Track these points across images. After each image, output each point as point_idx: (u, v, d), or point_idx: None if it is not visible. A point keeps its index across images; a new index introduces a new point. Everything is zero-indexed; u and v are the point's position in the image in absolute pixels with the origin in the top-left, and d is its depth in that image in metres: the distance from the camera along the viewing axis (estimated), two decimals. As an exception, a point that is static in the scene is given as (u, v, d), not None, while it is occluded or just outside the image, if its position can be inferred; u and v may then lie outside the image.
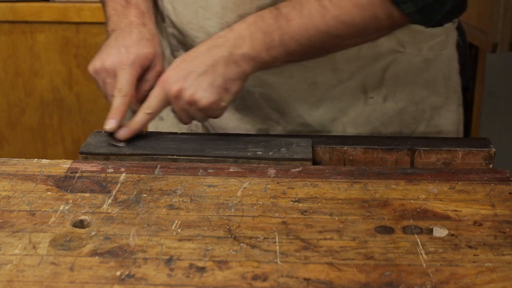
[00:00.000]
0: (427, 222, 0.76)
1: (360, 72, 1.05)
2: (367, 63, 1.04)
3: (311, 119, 1.07)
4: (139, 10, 1.02)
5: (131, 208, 0.78)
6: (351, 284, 0.65)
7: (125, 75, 0.96)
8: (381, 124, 1.08)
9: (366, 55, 1.03)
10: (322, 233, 0.74)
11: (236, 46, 0.92)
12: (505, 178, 0.85)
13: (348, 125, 1.07)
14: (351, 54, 1.02)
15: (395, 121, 1.08)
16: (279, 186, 0.83)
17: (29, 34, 1.90)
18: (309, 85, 1.05)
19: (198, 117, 0.96)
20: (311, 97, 1.06)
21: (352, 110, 1.07)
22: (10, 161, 0.89)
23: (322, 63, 1.03)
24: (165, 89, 0.93)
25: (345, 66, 1.04)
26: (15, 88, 1.97)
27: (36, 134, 2.03)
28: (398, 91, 1.07)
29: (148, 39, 0.99)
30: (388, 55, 1.05)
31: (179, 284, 0.66)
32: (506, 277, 0.66)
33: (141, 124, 0.96)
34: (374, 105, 1.07)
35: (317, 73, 1.04)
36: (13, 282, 0.66)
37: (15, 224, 0.75)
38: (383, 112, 1.08)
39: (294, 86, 1.05)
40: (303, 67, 1.03)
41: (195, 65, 0.92)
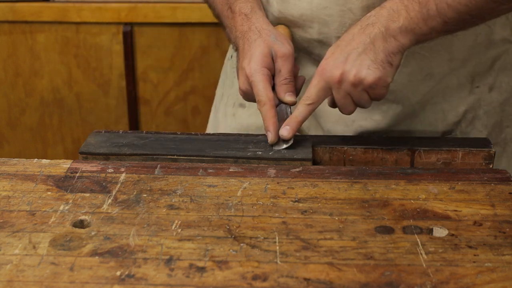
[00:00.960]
0: (427, 222, 0.76)
1: (472, 60, 1.05)
2: (480, 51, 1.04)
3: (417, 106, 1.06)
4: (242, 16, 1.02)
5: (131, 208, 0.78)
6: (351, 284, 0.65)
7: (256, 85, 0.96)
8: (484, 113, 1.07)
9: (481, 43, 1.03)
10: (322, 233, 0.74)
11: (391, 20, 0.90)
12: (505, 178, 0.85)
13: (449, 112, 1.07)
14: (468, 41, 1.02)
15: (498, 112, 1.08)
16: (279, 186, 0.83)
17: (29, 34, 1.90)
18: (425, 76, 1.04)
19: (363, 100, 0.92)
20: (425, 87, 1.05)
21: (456, 97, 1.06)
22: (10, 161, 0.89)
23: (440, 52, 1.02)
24: (325, 77, 0.91)
25: (460, 54, 1.03)
26: (15, 88, 1.97)
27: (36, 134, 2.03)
28: (504, 82, 1.07)
29: (256, 39, 0.98)
30: (501, 44, 1.05)
31: (179, 284, 0.66)
32: (506, 277, 0.66)
33: (303, 117, 0.94)
34: (480, 94, 1.07)
35: (434, 64, 1.03)
36: (13, 282, 0.66)
37: (15, 224, 0.75)
38: (488, 102, 1.07)
39: (410, 77, 1.04)
40: (421, 57, 1.02)
41: (353, 47, 0.91)
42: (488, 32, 1.03)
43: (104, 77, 1.93)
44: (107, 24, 1.87)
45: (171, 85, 1.93)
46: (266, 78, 0.96)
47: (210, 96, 1.93)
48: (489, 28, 1.02)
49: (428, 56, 1.03)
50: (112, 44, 1.89)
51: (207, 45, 1.89)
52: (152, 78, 1.93)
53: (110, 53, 1.90)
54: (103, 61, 1.91)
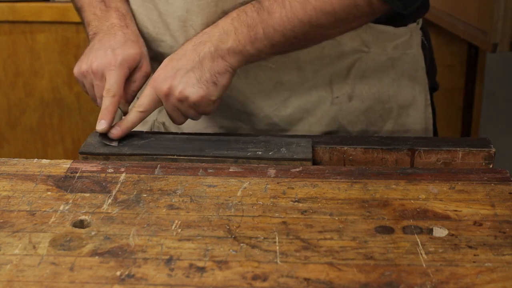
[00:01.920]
0: (427, 222, 0.76)
1: (325, 71, 1.05)
2: (332, 62, 1.05)
3: (278, 119, 1.08)
4: (119, 13, 1.04)
5: (131, 208, 0.78)
6: (351, 284, 0.65)
7: (114, 76, 0.97)
8: (348, 122, 1.09)
9: (330, 54, 1.04)
10: (322, 233, 0.74)
11: (221, 41, 0.93)
12: (505, 178, 0.85)
13: (314, 124, 1.08)
14: (314, 53, 1.03)
15: (362, 120, 1.09)
16: (279, 186, 0.83)
17: (29, 34, 1.90)
18: (274, 85, 1.06)
19: (191, 115, 0.96)
20: (277, 97, 1.07)
21: (319, 109, 1.08)
22: (10, 161, 0.89)
23: (287, 63, 1.04)
24: (155, 89, 0.95)
25: (309, 65, 1.04)
26: (15, 88, 1.97)
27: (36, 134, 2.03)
28: (364, 90, 1.08)
29: (133, 40, 1.01)
30: (353, 54, 1.05)
31: (179, 284, 0.66)
32: (506, 277, 0.66)
33: (133, 123, 0.97)
34: (340, 104, 1.08)
35: (282, 73, 1.05)
36: (13, 282, 0.66)
37: (15, 224, 0.75)
38: (349, 111, 1.08)
39: (259, 87, 1.06)
40: (268, 68, 1.04)
41: (183, 63, 0.94)
42: (335, 44, 1.03)
43: (104, 77, 1.93)
44: (107, 24, 1.86)
45: (171, 85, 1.93)
46: (125, 77, 0.99)
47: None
48: (336, 41, 1.03)
49: (275, 68, 1.04)
50: (112, 44, 1.88)
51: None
52: (152, 78, 1.92)
53: (110, 53, 1.89)
54: (103, 61, 1.91)
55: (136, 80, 1.01)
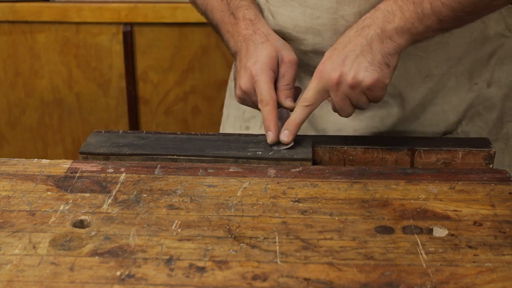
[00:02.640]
0: (427, 222, 0.76)
1: (468, 57, 1.05)
2: (476, 47, 1.04)
3: (417, 108, 1.07)
4: (247, 21, 1.03)
5: (131, 208, 0.78)
6: (351, 284, 0.65)
7: (260, 85, 0.96)
8: (484, 109, 1.08)
9: (476, 38, 1.03)
10: (322, 233, 0.74)
11: (387, 21, 0.91)
12: (505, 178, 0.85)
13: (449, 112, 1.07)
14: (464, 37, 1.02)
15: (499, 107, 1.08)
16: (279, 186, 0.83)
17: (29, 34, 1.90)
18: (424, 78, 1.05)
19: (362, 102, 0.93)
20: (425, 90, 1.06)
21: (455, 96, 1.07)
22: (10, 161, 0.89)
23: (437, 52, 1.02)
24: (323, 79, 0.92)
25: (457, 52, 1.03)
26: (15, 88, 1.97)
27: (36, 134, 2.03)
28: (503, 77, 1.07)
29: (263, 42, 0.99)
30: (496, 39, 1.05)
31: (179, 284, 0.66)
32: (506, 277, 0.66)
33: (301, 119, 0.94)
34: (479, 90, 1.07)
35: (432, 64, 1.04)
36: (13, 282, 0.66)
37: (15, 224, 0.75)
38: (487, 98, 1.07)
39: (409, 79, 1.04)
40: (418, 58, 1.02)
41: (350, 49, 0.91)
42: (483, 28, 1.03)
43: (104, 77, 1.93)
44: (107, 24, 1.87)
45: (171, 85, 1.93)
46: (271, 80, 0.97)
47: (210, 96, 1.93)
48: (484, 24, 1.02)
49: (425, 57, 1.03)
50: (112, 44, 1.89)
51: (207, 45, 1.88)
52: (152, 78, 1.93)
53: (110, 53, 1.90)
54: (103, 61, 1.91)
55: (284, 74, 0.98)
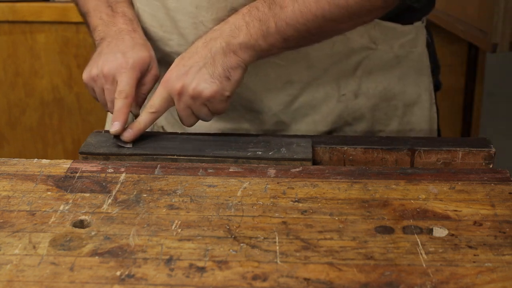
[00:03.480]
0: (427, 222, 0.76)
1: (334, 68, 1.05)
2: (340, 59, 1.05)
3: (284, 117, 1.08)
4: (126, 18, 1.04)
5: (131, 208, 0.78)
6: (351, 284, 0.65)
7: (125, 78, 0.97)
8: (353, 120, 1.09)
9: (340, 51, 1.04)
10: (322, 233, 0.74)
11: (232, 36, 0.93)
12: (505, 178, 0.85)
13: (319, 122, 1.08)
14: (324, 50, 1.03)
15: (368, 117, 1.09)
16: (279, 186, 0.83)
17: (29, 34, 1.90)
18: (284, 84, 1.06)
19: (203, 114, 0.95)
20: (286, 96, 1.06)
21: (324, 107, 1.08)
22: (10, 161, 0.89)
23: (297, 61, 1.03)
24: (168, 88, 0.94)
25: (319, 63, 1.04)
26: (15, 88, 1.97)
27: (36, 134, 2.03)
28: (371, 87, 1.08)
29: (142, 44, 1.01)
30: (361, 51, 1.05)
31: (179, 284, 0.66)
32: (506, 277, 0.66)
33: (145, 124, 0.96)
34: (346, 101, 1.08)
35: (292, 71, 1.05)
36: (13, 282, 0.66)
37: (15, 224, 0.75)
38: (355, 109, 1.08)
39: (269, 85, 1.05)
40: (278, 66, 1.03)
41: (195, 60, 0.94)
42: (345, 40, 1.03)
43: (104, 77, 1.93)
44: (107, 24, 1.86)
45: (171, 85, 1.93)
46: (136, 80, 0.99)
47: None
48: (345, 37, 1.02)
49: (285, 65, 1.04)
50: (112, 44, 1.88)
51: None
52: (152, 78, 1.92)
53: (110, 53, 1.89)
54: (103, 61, 1.91)
55: (146, 83, 1.01)
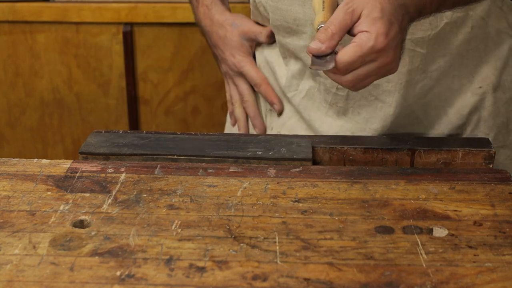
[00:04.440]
0: (427, 222, 0.76)
1: (470, 58, 1.04)
2: (478, 47, 1.03)
3: (416, 107, 1.06)
4: (204, 7, 1.14)
5: (131, 208, 0.78)
6: (351, 284, 0.65)
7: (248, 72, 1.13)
8: (489, 114, 1.06)
9: (476, 36, 1.02)
10: (322, 233, 0.74)
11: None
12: (505, 178, 0.85)
13: (452, 115, 1.06)
14: (463, 34, 1.01)
15: (503, 112, 1.07)
16: (279, 186, 0.83)
17: (29, 34, 1.90)
18: (421, 75, 1.04)
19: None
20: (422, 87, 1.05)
21: (458, 99, 1.06)
22: (10, 161, 0.89)
23: (434, 47, 1.01)
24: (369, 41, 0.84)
25: (456, 49, 1.02)
26: (15, 88, 1.97)
27: (36, 134, 2.03)
28: (507, 80, 1.06)
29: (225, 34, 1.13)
30: (497, 38, 1.04)
31: (179, 284, 0.66)
32: (506, 277, 0.66)
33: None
34: (483, 94, 1.06)
35: (429, 61, 1.03)
36: (13, 282, 0.66)
37: (15, 224, 0.75)
38: (492, 102, 1.06)
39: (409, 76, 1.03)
40: (415, 53, 1.01)
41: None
42: (482, 24, 1.02)
43: (104, 77, 1.93)
44: (107, 24, 1.87)
45: (171, 85, 1.93)
46: (253, 63, 1.09)
47: (210, 96, 1.93)
48: (483, 21, 1.01)
49: (424, 53, 1.02)
50: (112, 44, 1.89)
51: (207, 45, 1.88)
52: (152, 78, 1.92)
53: (110, 53, 1.90)
54: (103, 61, 1.91)
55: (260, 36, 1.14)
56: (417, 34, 0.97)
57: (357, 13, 0.81)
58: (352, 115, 1.05)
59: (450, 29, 1.00)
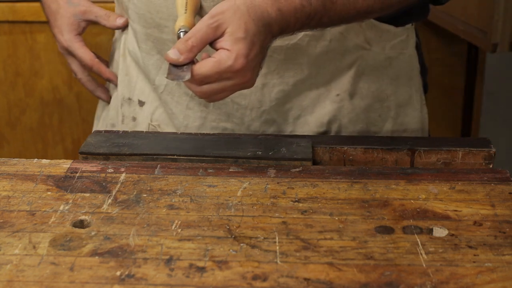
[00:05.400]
0: (427, 222, 0.76)
1: (327, 67, 1.05)
2: (335, 58, 1.04)
3: (276, 115, 1.07)
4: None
5: (131, 208, 0.78)
6: (351, 284, 0.65)
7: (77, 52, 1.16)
8: (349, 121, 1.08)
9: (335, 48, 1.03)
10: (322, 233, 0.74)
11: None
12: (505, 178, 0.85)
13: (313, 123, 1.07)
14: (321, 47, 1.02)
15: (362, 118, 1.09)
16: (279, 186, 0.83)
17: (29, 34, 1.90)
18: (279, 79, 1.04)
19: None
20: (280, 92, 1.05)
21: (318, 107, 1.07)
22: (10, 161, 0.89)
23: (293, 56, 1.02)
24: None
25: (314, 60, 1.03)
26: (15, 88, 1.97)
27: (36, 134, 2.03)
28: (364, 88, 1.08)
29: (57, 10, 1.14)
30: (355, 51, 1.05)
31: (179, 284, 0.66)
32: (506, 277, 0.66)
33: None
34: (340, 102, 1.07)
35: (288, 67, 1.03)
36: (13, 282, 0.66)
37: (15, 224, 0.75)
38: (350, 110, 1.07)
39: (265, 79, 1.04)
40: (276, 60, 1.02)
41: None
42: (341, 39, 1.02)
43: (104, 77, 1.93)
44: (107, 24, 1.87)
45: (171, 85, 1.93)
46: (83, 43, 1.14)
47: (210, 96, 1.93)
48: (342, 35, 1.02)
49: (281, 59, 1.02)
50: (112, 44, 1.89)
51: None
52: (152, 78, 1.92)
53: (110, 53, 1.90)
54: (103, 61, 1.91)
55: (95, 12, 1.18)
56: (276, 43, 0.95)
57: (221, 30, 0.82)
58: (214, 108, 1.06)
59: (308, 40, 1.01)
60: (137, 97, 1.12)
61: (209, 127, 1.08)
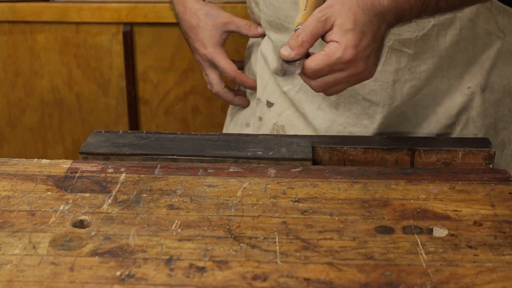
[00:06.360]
0: (427, 222, 0.76)
1: (459, 59, 1.04)
2: (467, 48, 1.03)
3: (406, 108, 1.06)
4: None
5: (131, 208, 0.78)
6: (351, 284, 0.65)
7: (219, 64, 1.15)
8: (477, 114, 1.06)
9: (465, 37, 1.02)
10: (322, 233, 0.74)
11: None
12: (505, 178, 0.85)
13: (441, 114, 1.06)
14: (452, 36, 1.01)
15: (491, 113, 1.07)
16: (279, 186, 0.83)
17: (29, 34, 1.90)
18: (409, 75, 1.04)
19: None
20: (410, 88, 1.05)
21: (448, 99, 1.06)
22: (10, 161, 0.89)
23: (422, 48, 1.01)
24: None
25: (445, 50, 1.02)
26: (15, 88, 1.97)
27: (36, 134, 2.03)
28: (496, 82, 1.06)
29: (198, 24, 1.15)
30: (486, 39, 1.03)
31: (179, 284, 0.66)
32: (506, 277, 0.66)
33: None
34: (471, 95, 1.06)
35: (417, 62, 1.03)
36: (13, 282, 0.66)
37: (15, 224, 0.75)
38: (480, 103, 1.06)
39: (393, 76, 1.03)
40: (403, 54, 1.02)
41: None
42: (471, 26, 1.02)
43: (104, 77, 1.93)
44: (107, 24, 1.87)
45: (171, 85, 1.93)
46: (225, 55, 1.13)
47: (210, 96, 1.93)
48: (472, 22, 1.01)
49: (411, 53, 1.02)
50: (112, 44, 1.89)
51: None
52: (152, 78, 1.92)
53: (110, 53, 1.90)
54: (103, 61, 1.91)
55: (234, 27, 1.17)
56: (404, 35, 0.96)
57: (330, 23, 0.82)
58: (344, 110, 1.06)
59: (438, 30, 1.00)
60: (265, 98, 1.13)
61: (335, 131, 1.08)
